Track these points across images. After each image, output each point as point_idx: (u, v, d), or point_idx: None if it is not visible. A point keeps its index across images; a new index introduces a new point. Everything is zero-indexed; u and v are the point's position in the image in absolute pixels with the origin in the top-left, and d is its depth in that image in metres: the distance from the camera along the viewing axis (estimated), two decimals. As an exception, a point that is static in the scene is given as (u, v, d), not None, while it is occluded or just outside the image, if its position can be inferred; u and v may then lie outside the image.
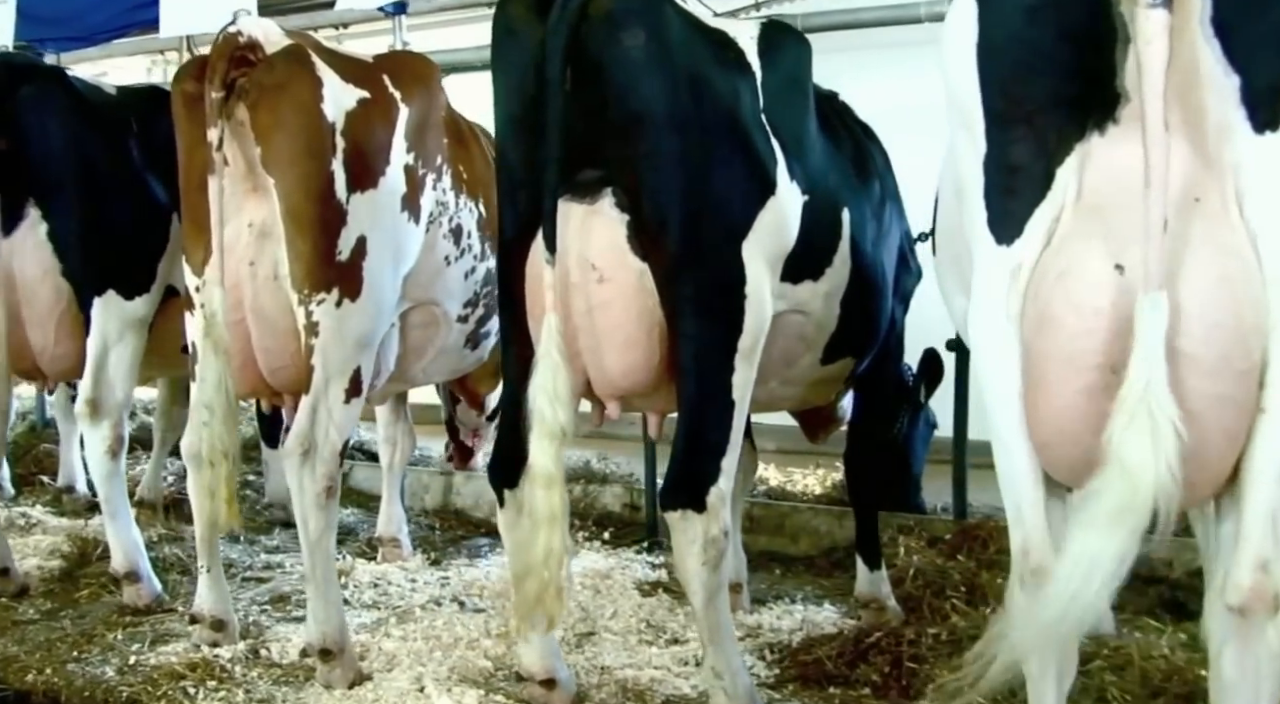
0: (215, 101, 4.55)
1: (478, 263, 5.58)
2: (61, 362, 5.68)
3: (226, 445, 4.60)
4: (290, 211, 4.63)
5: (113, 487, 5.70)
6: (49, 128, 5.46)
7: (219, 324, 4.57)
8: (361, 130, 4.76)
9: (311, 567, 4.77)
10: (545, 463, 3.78)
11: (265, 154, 4.65)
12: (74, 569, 6.34)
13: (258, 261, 4.73)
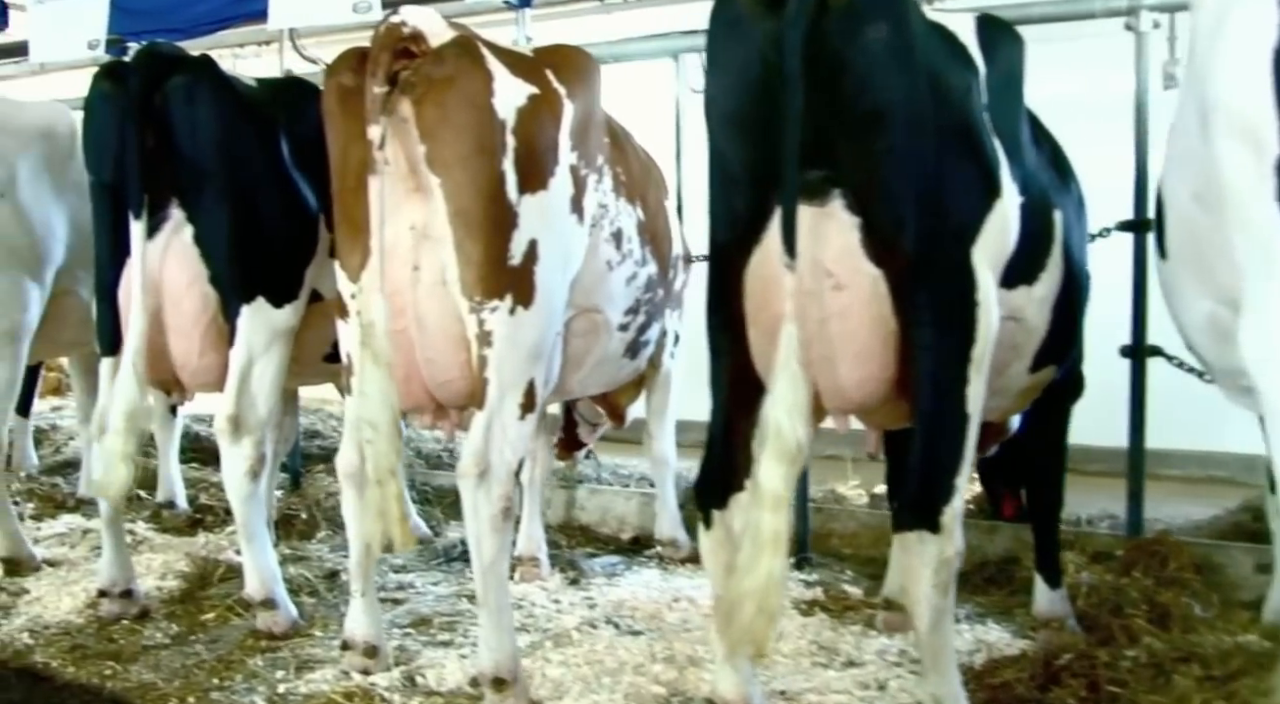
0: (378, 96, 4.35)
1: (639, 268, 5.41)
2: (204, 374, 5.50)
3: (393, 463, 4.39)
4: (458, 213, 4.45)
5: (251, 509, 5.52)
6: (199, 123, 5.27)
7: (380, 334, 4.36)
8: (532, 128, 4.57)
9: (485, 592, 4.61)
10: (776, 485, 3.61)
11: (431, 152, 4.46)
12: (195, 590, 6.22)
13: (422, 266, 4.54)
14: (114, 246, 5.45)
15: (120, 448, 5.15)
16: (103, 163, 5.40)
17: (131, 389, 5.19)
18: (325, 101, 4.72)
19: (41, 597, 6.13)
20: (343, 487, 4.99)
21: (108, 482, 5.19)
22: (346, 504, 5.00)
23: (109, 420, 5.23)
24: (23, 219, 6.23)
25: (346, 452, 4.91)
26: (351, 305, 4.74)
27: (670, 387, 6.76)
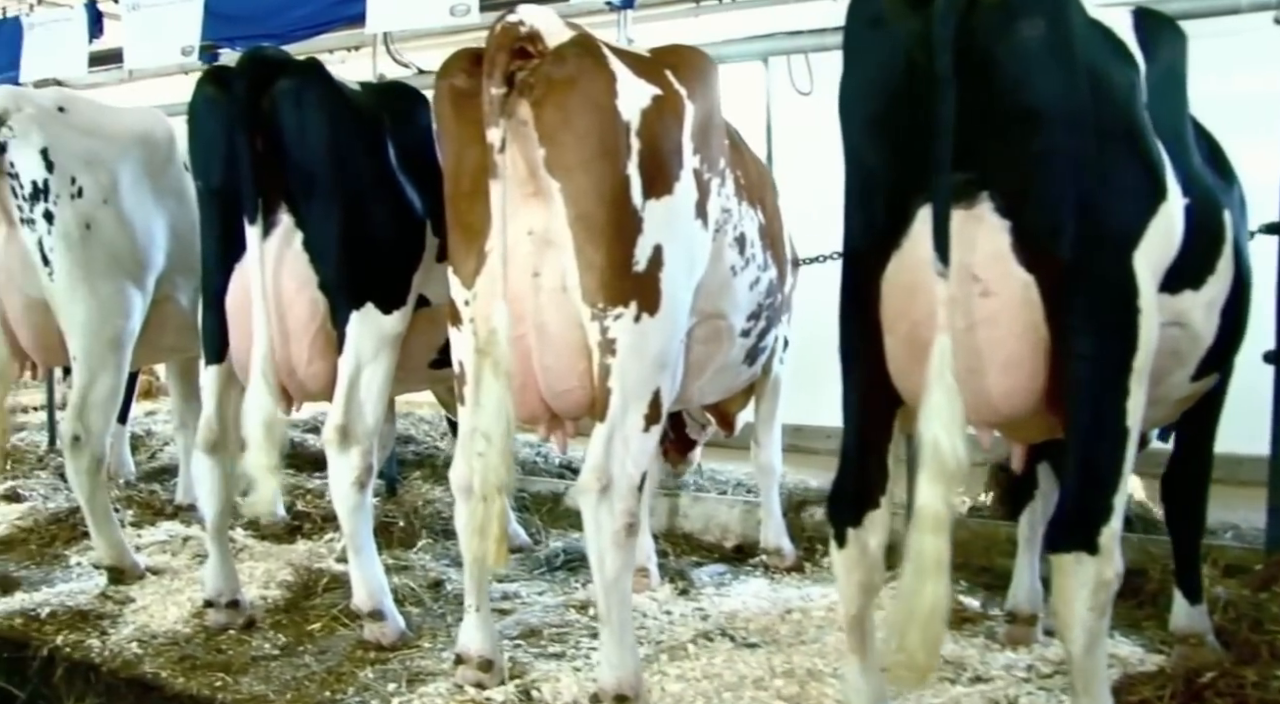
0: (496, 98, 4.25)
1: (760, 273, 5.31)
2: (312, 382, 5.43)
3: (502, 479, 4.28)
4: (581, 218, 4.35)
5: (359, 520, 5.43)
6: (308, 127, 5.19)
7: (501, 342, 4.25)
8: (656, 130, 4.46)
9: (607, 608, 4.52)
10: (937, 505, 3.47)
11: (551, 156, 4.36)
12: (299, 600, 6.15)
13: (542, 272, 4.45)
14: (222, 253, 5.40)
15: (263, 461, 5.10)
16: (210, 168, 5.35)
17: (265, 399, 5.13)
18: (437, 104, 4.63)
19: (147, 606, 6.10)
20: (456, 499, 4.90)
21: (255, 499, 5.16)
22: (459, 517, 4.90)
23: (246, 434, 5.16)
24: (124, 225, 6.21)
25: (461, 465, 4.81)
26: (465, 312, 4.65)
27: (779, 393, 6.64)
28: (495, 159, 4.25)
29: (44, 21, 8.83)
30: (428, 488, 7.90)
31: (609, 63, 4.38)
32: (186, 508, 7.96)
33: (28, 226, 5.99)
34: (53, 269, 6.00)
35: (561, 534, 7.36)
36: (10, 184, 5.97)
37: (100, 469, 6.30)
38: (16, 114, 5.94)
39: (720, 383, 5.63)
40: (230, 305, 5.40)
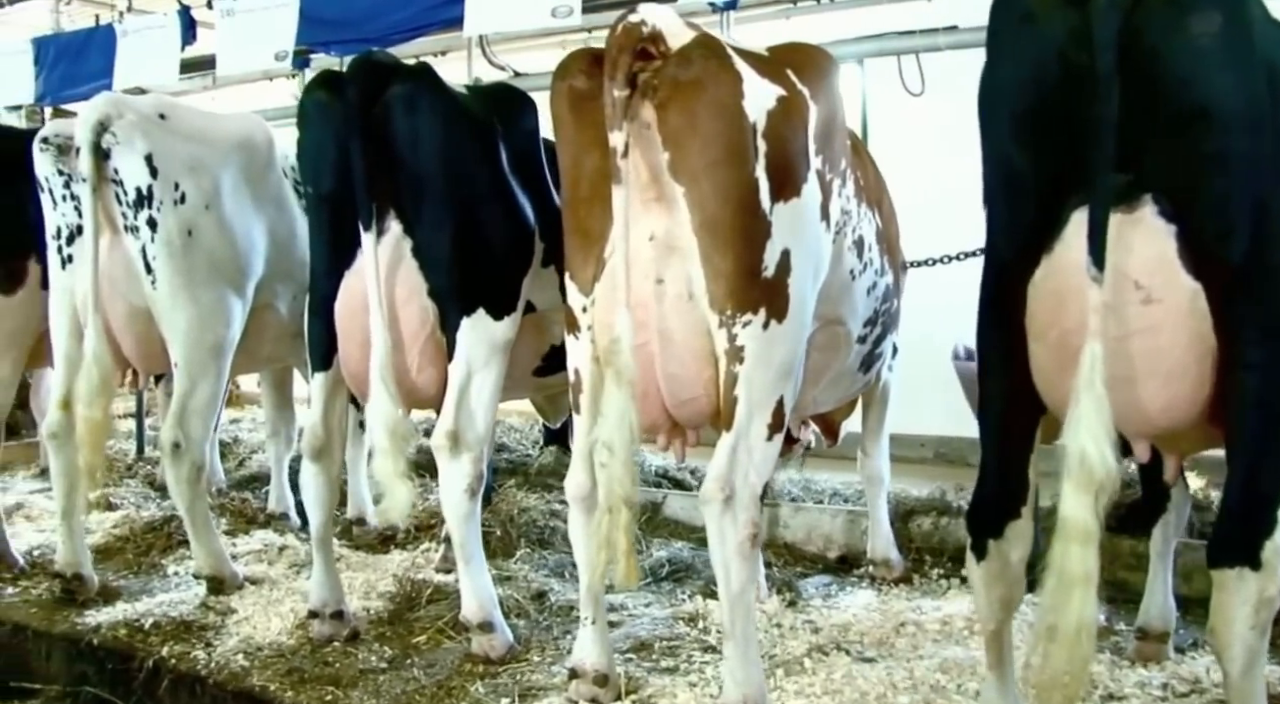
0: (619, 101, 4.17)
1: (878, 278, 5.22)
2: (422, 390, 5.39)
3: (627, 490, 4.19)
4: (708, 223, 4.26)
5: (469, 529, 5.37)
6: (420, 132, 5.14)
7: (625, 351, 4.17)
8: (783, 132, 4.37)
9: (731, 622, 4.40)
10: (1084, 515, 3.35)
11: (676, 159, 4.27)
12: (403, 611, 6.10)
13: (666, 278, 4.36)
14: (331, 260, 5.37)
15: (392, 468, 5.06)
16: (320, 174, 5.31)
17: (387, 405, 5.09)
18: (555, 107, 4.55)
19: (250, 617, 6.06)
20: (571, 510, 4.83)
21: (388, 505, 5.10)
22: (574, 528, 4.83)
23: (372, 442, 5.13)
24: (226, 232, 6.18)
25: (577, 474, 4.74)
26: (582, 319, 4.58)
27: (888, 401, 6.52)
28: (618, 163, 4.17)
29: (138, 29, 8.83)
30: (522, 496, 7.82)
31: (734, 64, 4.29)
32: (279, 516, 7.94)
33: (131, 234, 5.98)
34: (155, 277, 5.98)
35: (664, 543, 7.26)
36: (114, 191, 5.92)
37: (200, 477, 6.27)
38: (120, 121, 5.93)
39: (835, 391, 5.54)
40: (339, 312, 5.36)
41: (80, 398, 5.90)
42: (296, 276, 6.70)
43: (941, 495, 7.31)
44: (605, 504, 4.19)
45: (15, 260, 6.75)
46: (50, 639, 6.10)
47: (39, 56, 9.51)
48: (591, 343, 4.55)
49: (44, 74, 9.44)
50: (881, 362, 5.88)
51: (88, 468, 5.97)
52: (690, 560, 6.91)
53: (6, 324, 6.75)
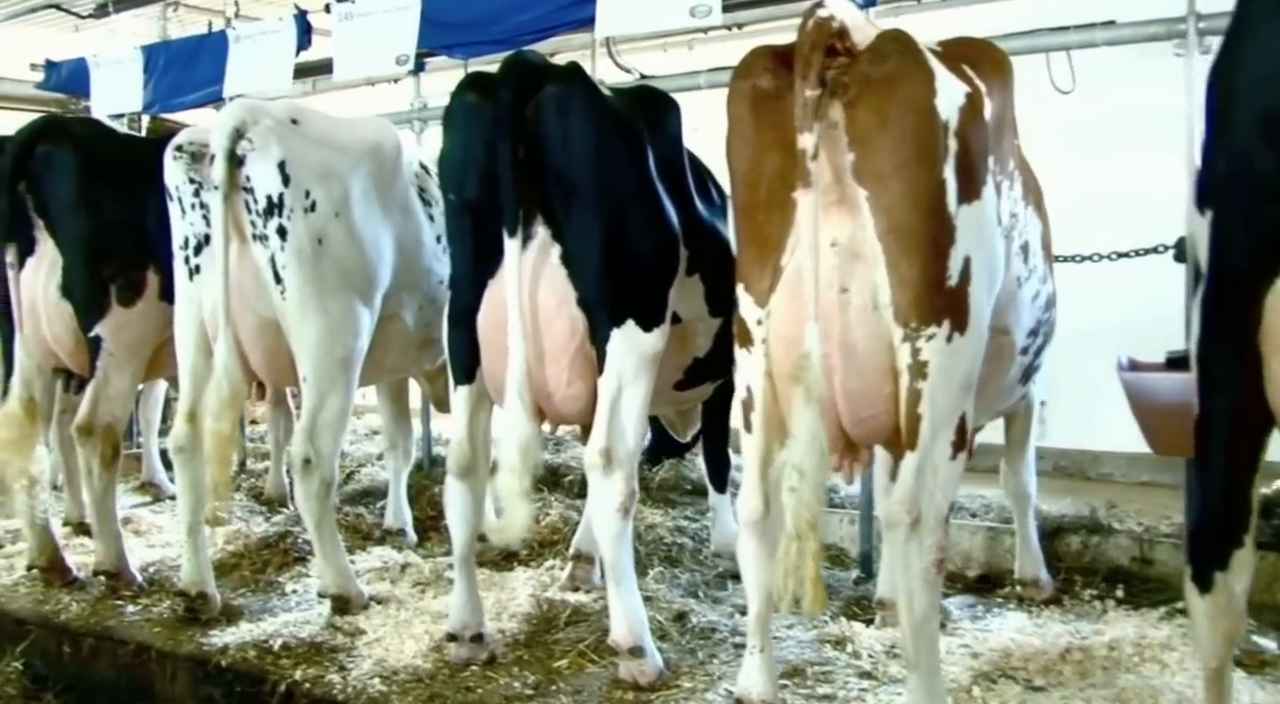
0: (811, 100, 3.98)
1: (1041, 285, 5.01)
2: (571, 404, 5.20)
3: (816, 514, 4.01)
4: (895, 229, 4.06)
5: (621, 549, 5.16)
6: (572, 135, 4.95)
7: (814, 366, 3.98)
8: (970, 131, 4.16)
9: (915, 653, 4.25)
10: None
11: (862, 161, 4.07)
12: (540, 633, 5.90)
13: (850, 288, 4.14)
14: (474, 268, 5.20)
15: (517, 486, 4.87)
16: (465, 179, 5.14)
17: (522, 421, 4.91)
18: (734, 107, 4.35)
19: (381, 638, 5.87)
20: (741, 534, 4.61)
21: (507, 523, 4.91)
22: (745, 553, 4.61)
23: (500, 457, 4.94)
24: (355, 240, 6.02)
25: (751, 497, 4.53)
26: (756, 332, 4.37)
27: (1033, 415, 6.26)
28: (808, 166, 3.99)
29: (251, 34, 8.73)
30: (646, 512, 7.62)
31: (928, 60, 4.08)
32: (396, 532, 7.77)
33: (260, 243, 5.82)
34: (284, 287, 5.83)
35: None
36: (244, 199, 5.77)
37: (329, 493, 6.12)
38: (254, 127, 5.78)
39: (994, 405, 5.32)
40: (485, 323, 5.18)
41: (209, 411, 5.76)
42: (422, 287, 6.56)
43: (1091, 513, 7.05)
44: (794, 530, 3.98)
45: (135, 271, 6.65)
46: (175, 660, 5.95)
47: (149, 64, 9.43)
48: (765, 357, 4.35)
49: (153, 82, 9.36)
50: (1037, 374, 5.63)
51: (214, 483, 5.84)
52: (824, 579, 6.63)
53: (125, 336, 6.64)
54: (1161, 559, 6.56)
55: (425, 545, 7.70)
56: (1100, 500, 7.31)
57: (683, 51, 10.54)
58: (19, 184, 6.54)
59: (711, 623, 5.92)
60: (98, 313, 6.56)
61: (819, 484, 3.98)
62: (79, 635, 6.36)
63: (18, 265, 6.60)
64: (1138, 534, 6.79)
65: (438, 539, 7.76)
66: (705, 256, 5.55)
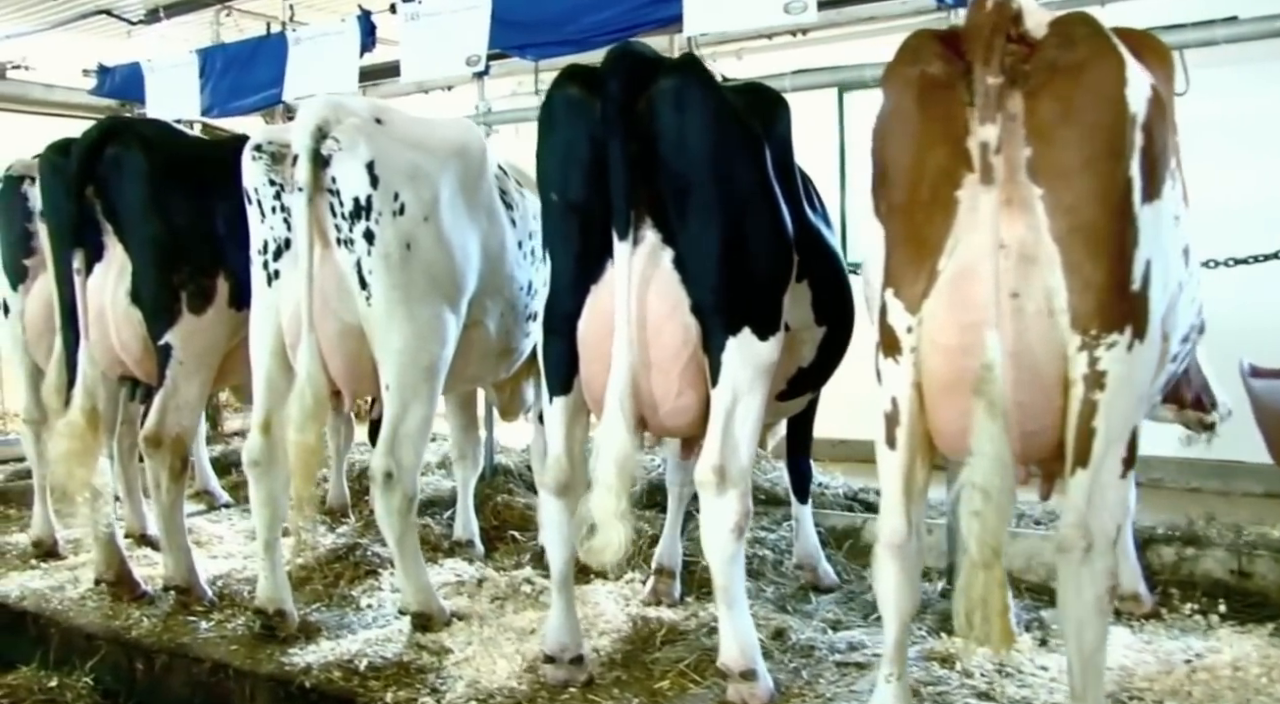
0: (994, 90, 3.50)
1: (1195, 290, 4.50)
2: (679, 416, 4.68)
3: (1001, 540, 3.54)
4: (1078, 229, 3.56)
5: (734, 571, 4.66)
6: (688, 132, 4.42)
7: (998, 378, 3.49)
8: (1155, 125, 3.66)
9: (1084, 684, 3.81)
10: None
11: (1041, 156, 3.57)
12: (637, 652, 5.37)
13: (1022, 293, 3.63)
14: (576, 273, 4.66)
15: (614, 506, 4.34)
16: (569, 178, 4.60)
17: (622, 435, 4.39)
18: (898, 96, 3.83)
19: (470, 658, 5.33)
20: (881, 557, 4.13)
21: (602, 546, 4.37)
22: (885, 577, 4.13)
23: (596, 473, 4.41)
24: (443, 245, 5.48)
25: (893, 517, 4.03)
26: (906, 341, 3.86)
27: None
28: (990, 161, 3.52)
29: (312, 36, 8.15)
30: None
31: (1118, 47, 3.57)
32: (465, 543, 7.23)
33: (345, 247, 5.27)
34: (370, 293, 5.28)
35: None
36: (329, 201, 5.23)
37: (412, 508, 5.58)
38: (339, 126, 5.24)
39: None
40: (588, 331, 4.65)
41: (292, 422, 5.21)
42: (504, 293, 6.04)
43: (1188, 525, 6.54)
44: (979, 558, 3.51)
45: (205, 277, 6.10)
46: (255, 679, 5.39)
47: (205, 68, 8.87)
48: (914, 368, 3.82)
49: (210, 86, 8.80)
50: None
51: (298, 499, 5.30)
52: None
53: (195, 344, 6.09)
54: (1260, 572, 6.04)
55: (493, 557, 7.13)
56: (1198, 512, 6.79)
57: (731, 61, 10.01)
58: (87, 188, 5.99)
59: (810, 640, 5.41)
60: (168, 320, 6.00)
61: (1005, 507, 3.51)
62: (151, 651, 5.80)
63: (84, 271, 6.03)
64: (1236, 546, 6.24)
65: (505, 551, 7.21)
66: (813, 262, 5.06)
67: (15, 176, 7.25)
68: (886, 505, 4.06)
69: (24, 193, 7.16)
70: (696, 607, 5.85)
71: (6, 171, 7.32)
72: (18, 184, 7.22)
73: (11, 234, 7.29)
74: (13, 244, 7.29)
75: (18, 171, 7.25)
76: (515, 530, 7.45)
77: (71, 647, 6.12)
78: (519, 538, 7.32)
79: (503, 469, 8.55)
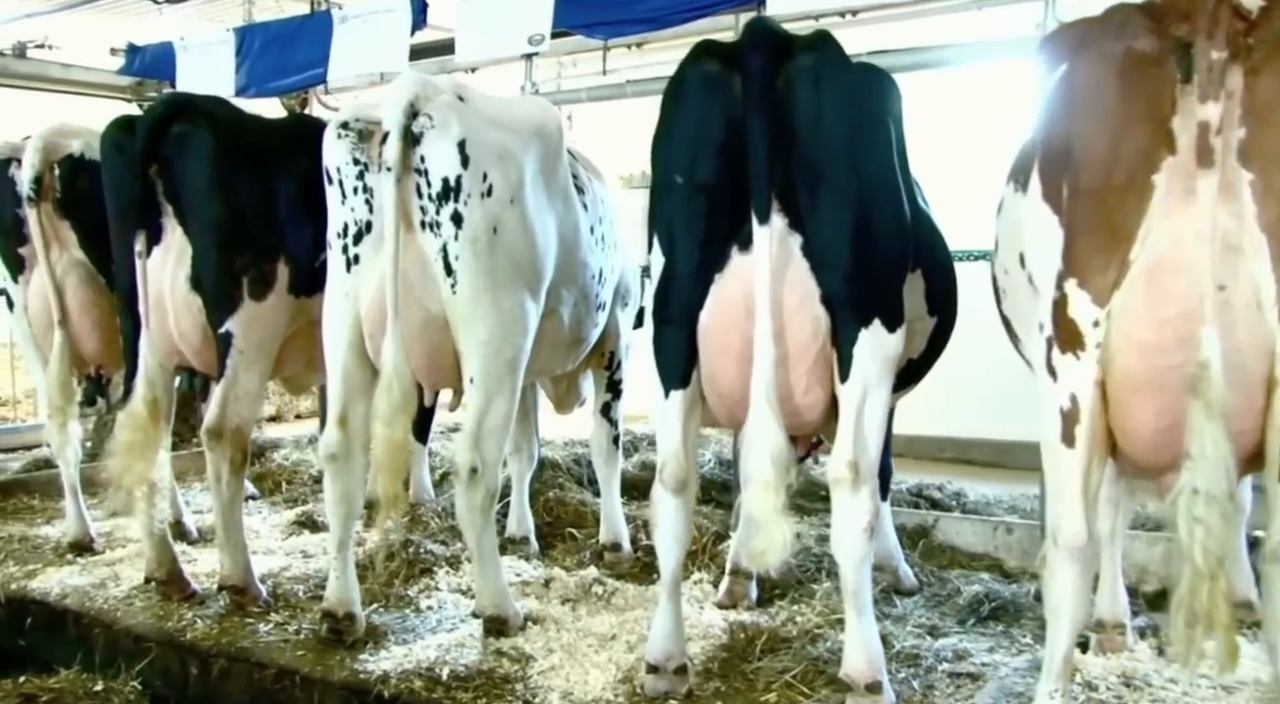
0: (1216, 65, 3.17)
1: None
2: (807, 412, 4.34)
3: (1225, 549, 3.22)
4: None
5: (863, 575, 4.36)
6: (827, 110, 4.07)
7: (1218, 377, 3.15)
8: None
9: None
10: None
11: (1257, 138, 3.24)
12: (735, 660, 4.99)
13: (1229, 286, 3.27)
14: (700, 260, 4.29)
15: (773, 503, 3.99)
16: (699, 159, 4.22)
17: (773, 429, 4.04)
18: (1096, 73, 3.49)
19: (556, 666, 4.94)
20: (1060, 562, 3.76)
21: (764, 547, 4.01)
22: (1063, 583, 3.77)
23: (750, 469, 4.07)
24: (527, 229, 5.08)
25: (1073, 520, 3.68)
26: (1091, 336, 3.52)
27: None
28: (1210, 142, 3.19)
29: (360, 14, 7.67)
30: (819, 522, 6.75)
31: None
32: (519, 540, 6.82)
33: (431, 231, 4.85)
34: (456, 279, 4.87)
35: (965, 574, 6.14)
36: (415, 182, 4.81)
37: (493, 505, 5.20)
38: (429, 102, 4.83)
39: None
40: (710, 322, 4.28)
41: (379, 416, 4.82)
42: (579, 281, 5.67)
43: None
44: (1204, 568, 3.15)
45: (267, 262, 5.64)
46: (327, 687, 4.99)
47: (241, 47, 8.36)
48: (1098, 365, 3.47)
49: (247, 65, 8.29)
50: None
51: (386, 497, 4.90)
52: (1007, 595, 5.78)
53: (256, 332, 5.63)
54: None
55: (550, 555, 6.73)
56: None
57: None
58: (151, 167, 5.51)
59: (913, 648, 5.06)
60: (229, 307, 5.55)
61: (1230, 512, 3.19)
62: (208, 655, 5.38)
63: (145, 255, 5.56)
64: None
65: (563, 549, 6.81)
66: (926, 252, 4.74)
67: (1, 160, 6.78)
68: (1065, 507, 3.70)
69: (11, 177, 6.70)
70: (790, 610, 5.45)
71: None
72: (3, 168, 6.76)
73: (3, 222, 6.82)
74: (7, 233, 6.81)
75: (3, 154, 6.79)
76: (570, 527, 7.05)
77: (117, 648, 5.69)
78: (576, 535, 6.91)
79: (549, 463, 8.12)
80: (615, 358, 6.54)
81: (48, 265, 6.51)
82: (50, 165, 6.50)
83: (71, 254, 6.62)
